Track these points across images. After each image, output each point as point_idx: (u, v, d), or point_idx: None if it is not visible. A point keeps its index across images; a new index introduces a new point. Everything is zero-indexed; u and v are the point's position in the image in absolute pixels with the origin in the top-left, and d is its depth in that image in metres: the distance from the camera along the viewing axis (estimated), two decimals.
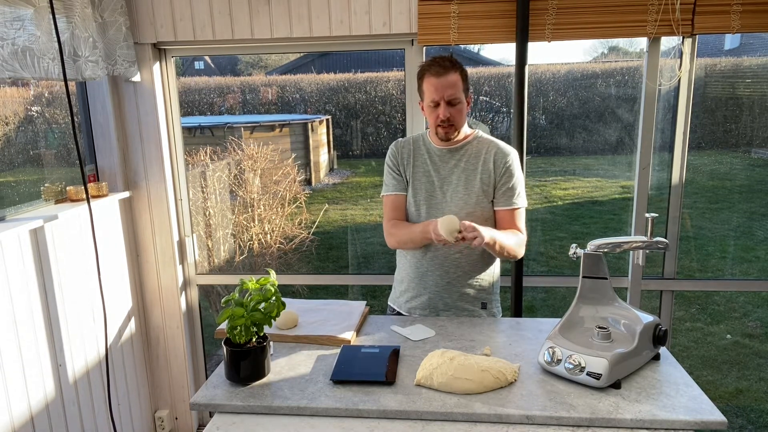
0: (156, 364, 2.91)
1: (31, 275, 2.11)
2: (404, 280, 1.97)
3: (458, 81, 1.77)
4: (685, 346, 3.79)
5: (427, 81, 1.78)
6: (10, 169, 2.43)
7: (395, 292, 2.04)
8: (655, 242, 1.53)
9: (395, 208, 1.93)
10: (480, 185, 1.84)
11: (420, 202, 1.89)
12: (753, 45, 4.16)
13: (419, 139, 1.95)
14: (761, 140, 4.62)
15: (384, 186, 1.96)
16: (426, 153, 1.91)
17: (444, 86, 1.75)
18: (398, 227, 1.89)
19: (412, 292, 1.94)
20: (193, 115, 5.12)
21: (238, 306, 1.40)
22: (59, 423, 2.22)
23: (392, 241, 1.93)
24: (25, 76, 1.95)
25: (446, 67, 1.75)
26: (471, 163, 1.86)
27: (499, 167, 1.84)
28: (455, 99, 1.77)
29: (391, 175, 1.94)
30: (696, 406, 1.29)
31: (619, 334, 1.50)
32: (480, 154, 1.86)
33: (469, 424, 1.27)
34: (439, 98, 1.76)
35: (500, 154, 1.85)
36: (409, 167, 1.91)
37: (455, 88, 1.76)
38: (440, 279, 1.89)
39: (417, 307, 1.93)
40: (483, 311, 1.93)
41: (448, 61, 1.77)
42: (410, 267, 1.94)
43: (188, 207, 2.84)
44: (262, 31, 2.47)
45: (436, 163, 1.89)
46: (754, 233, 4.87)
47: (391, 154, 1.95)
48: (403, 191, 1.92)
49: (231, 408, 1.35)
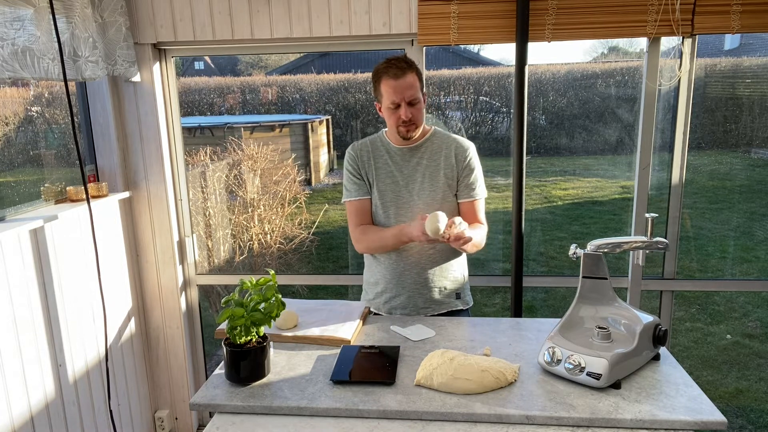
0: (156, 364, 2.91)
1: (31, 275, 2.11)
2: (380, 281, 1.97)
3: (415, 81, 1.79)
4: (685, 346, 3.79)
5: (385, 83, 1.79)
6: (10, 170, 2.43)
7: (368, 294, 2.03)
8: (655, 242, 1.53)
9: (360, 213, 1.93)
10: (444, 180, 1.87)
11: (387, 203, 1.89)
12: (753, 45, 4.16)
13: (376, 140, 1.95)
14: (761, 140, 4.62)
15: (345, 192, 1.95)
16: (386, 153, 1.92)
17: (403, 88, 1.77)
18: (367, 233, 1.90)
19: (390, 292, 1.95)
20: (193, 115, 5.12)
21: (238, 306, 1.40)
22: (59, 423, 2.22)
23: (361, 247, 1.93)
24: (25, 77, 1.95)
25: (403, 69, 1.77)
26: (433, 159, 1.88)
27: (460, 161, 1.88)
28: (415, 99, 1.79)
29: (351, 180, 1.93)
30: (696, 406, 1.29)
31: (619, 334, 1.50)
32: (441, 150, 1.89)
33: (469, 424, 1.27)
34: (399, 100, 1.78)
35: (460, 149, 1.89)
36: (370, 169, 1.91)
37: (414, 88, 1.79)
38: (418, 276, 1.91)
39: (397, 307, 1.94)
40: (458, 301, 1.97)
41: (404, 62, 1.79)
42: (386, 268, 1.94)
43: (188, 207, 2.84)
44: (262, 31, 2.47)
45: (398, 162, 1.90)
46: (754, 233, 4.87)
47: (349, 158, 1.94)
48: (366, 195, 1.92)
49: (231, 408, 1.35)
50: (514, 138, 2.39)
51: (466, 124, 4.70)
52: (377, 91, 1.84)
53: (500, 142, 4.85)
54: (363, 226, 1.92)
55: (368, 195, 1.93)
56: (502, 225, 4.33)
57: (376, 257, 1.97)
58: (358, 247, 1.94)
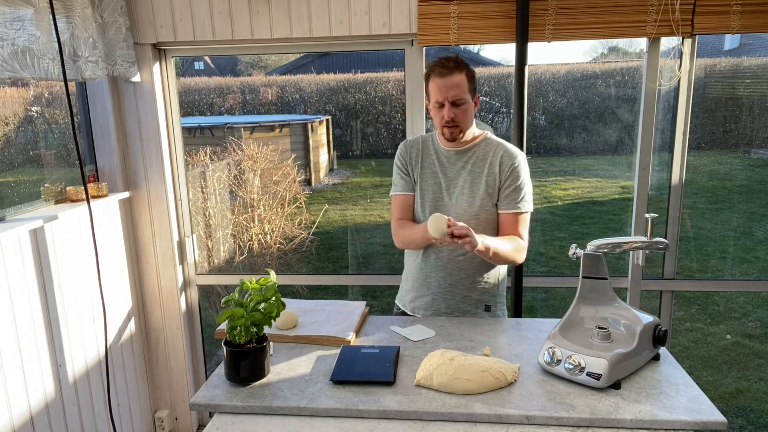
0: (156, 365, 2.90)
1: (31, 275, 2.11)
2: (409, 279, 1.98)
3: (463, 81, 1.75)
4: (685, 347, 3.79)
5: (432, 81, 1.77)
6: (10, 170, 2.43)
7: (401, 291, 2.04)
8: (654, 242, 1.53)
9: (402, 208, 1.92)
10: (485, 188, 1.82)
11: (426, 203, 1.88)
12: (753, 45, 4.16)
13: (428, 139, 1.94)
14: (761, 140, 4.62)
15: (393, 185, 1.96)
16: (434, 154, 1.90)
17: (448, 87, 1.74)
18: (403, 227, 1.89)
19: (415, 292, 1.95)
20: (193, 115, 5.12)
21: (237, 306, 1.40)
22: (59, 423, 2.22)
23: (397, 241, 1.93)
24: (25, 77, 1.95)
25: (450, 68, 1.74)
26: (478, 165, 1.84)
27: (504, 169, 1.81)
28: (460, 99, 1.75)
29: (399, 175, 1.93)
30: (696, 406, 1.29)
31: (619, 334, 1.50)
32: (487, 157, 1.84)
33: (469, 424, 1.27)
34: (443, 99, 1.75)
35: (507, 156, 1.82)
36: (417, 167, 1.90)
37: (459, 88, 1.74)
38: (443, 281, 1.88)
39: (420, 307, 1.94)
40: (486, 313, 1.91)
41: (452, 62, 1.76)
42: (414, 267, 1.94)
43: (188, 207, 2.84)
44: (262, 31, 2.47)
45: (444, 164, 1.88)
46: (754, 233, 4.87)
47: (399, 153, 1.94)
48: (411, 191, 1.92)
49: (231, 408, 1.35)
50: (514, 138, 2.39)
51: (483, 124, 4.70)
52: (427, 89, 1.82)
53: None
54: (401, 221, 1.91)
55: (413, 191, 1.92)
56: None
57: (410, 255, 1.97)
58: (395, 240, 1.94)
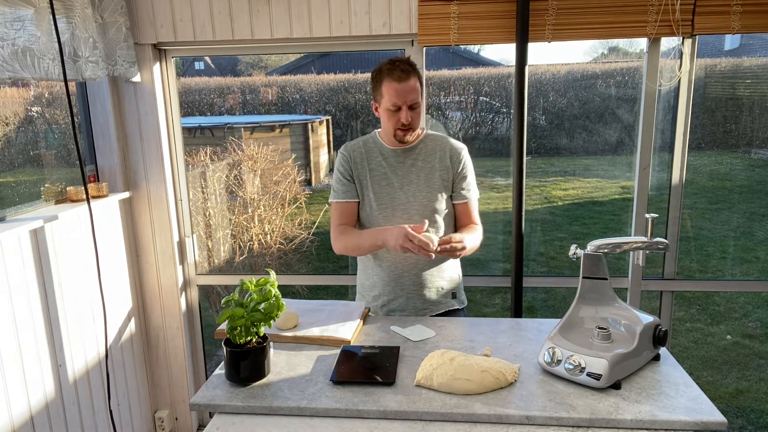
0: (156, 365, 2.91)
1: (31, 275, 2.11)
2: (377, 284, 1.96)
3: (417, 85, 1.79)
4: (685, 347, 3.79)
5: (387, 85, 1.77)
6: (10, 170, 2.43)
7: (365, 297, 2.02)
8: (655, 243, 1.53)
9: (344, 214, 1.93)
10: (440, 182, 1.88)
11: (384, 205, 1.88)
12: (753, 45, 4.16)
13: (369, 141, 1.95)
14: (761, 141, 4.62)
15: (333, 192, 1.95)
16: (380, 155, 1.91)
17: (406, 91, 1.76)
18: (346, 233, 1.89)
19: (388, 295, 1.94)
20: (193, 115, 5.12)
21: (238, 306, 1.40)
22: (59, 423, 2.22)
23: (338, 247, 1.92)
24: (25, 77, 1.95)
25: (408, 72, 1.77)
26: (428, 161, 1.89)
27: (455, 163, 1.89)
28: (416, 103, 1.79)
29: (340, 181, 1.93)
30: (696, 406, 1.29)
31: (619, 334, 1.50)
32: (435, 152, 1.90)
33: (469, 424, 1.27)
34: (401, 103, 1.77)
35: (455, 151, 1.90)
36: (364, 171, 1.90)
37: (416, 92, 1.78)
38: (416, 278, 1.91)
39: (395, 309, 1.94)
40: (454, 301, 1.98)
41: (407, 65, 1.78)
42: (384, 271, 1.93)
43: (188, 207, 2.84)
44: (262, 31, 2.47)
45: (393, 164, 1.90)
46: (754, 234, 4.87)
47: (341, 159, 1.94)
48: (353, 198, 1.92)
49: (231, 408, 1.35)
50: (515, 138, 2.40)
51: (466, 124, 4.70)
52: (377, 91, 1.83)
53: (500, 143, 4.85)
54: (342, 227, 1.92)
55: (355, 198, 1.92)
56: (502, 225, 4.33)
57: (376, 260, 1.96)
58: (335, 246, 1.93)
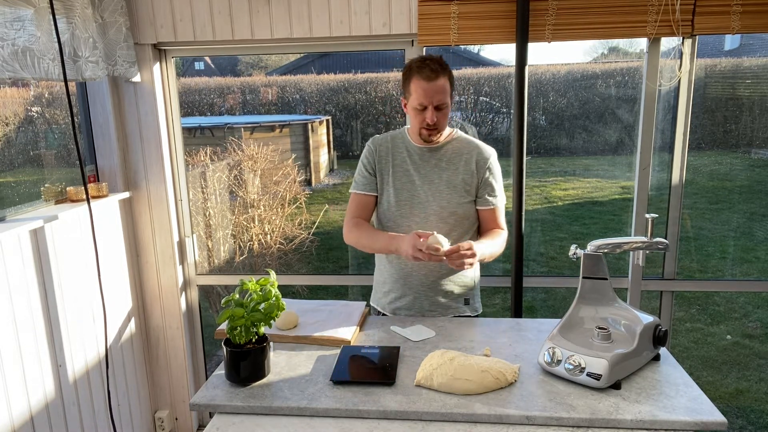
0: (156, 365, 2.90)
1: (31, 275, 2.11)
2: (387, 281, 1.96)
3: (447, 85, 1.76)
4: (685, 347, 3.79)
5: (416, 83, 1.76)
6: (10, 170, 2.43)
7: (377, 293, 2.02)
8: (655, 243, 1.53)
9: (360, 206, 1.92)
10: (462, 185, 1.85)
11: (402, 201, 1.87)
12: (753, 46, 4.16)
13: (398, 136, 1.93)
14: (761, 141, 4.62)
15: (354, 183, 1.95)
16: (405, 151, 1.90)
17: (434, 91, 1.74)
18: (360, 228, 1.88)
19: (396, 293, 1.93)
20: (193, 115, 5.12)
21: (238, 306, 1.40)
22: (59, 423, 2.22)
23: (350, 239, 1.90)
24: (25, 77, 1.95)
25: (437, 71, 1.74)
26: (452, 162, 1.86)
27: (481, 168, 1.85)
28: (443, 104, 1.77)
29: (362, 174, 1.92)
30: (696, 406, 1.29)
31: (619, 334, 1.50)
32: (461, 154, 1.87)
33: (469, 424, 1.27)
34: (428, 103, 1.75)
35: (482, 156, 1.86)
36: (387, 166, 1.89)
37: (444, 93, 1.75)
38: (425, 278, 1.89)
39: (402, 308, 1.93)
40: (466, 307, 1.94)
41: (438, 65, 1.75)
42: (393, 268, 1.93)
43: (188, 207, 2.84)
44: (262, 31, 2.47)
45: (417, 162, 1.88)
46: (754, 234, 4.87)
47: (367, 151, 1.93)
48: (372, 192, 1.91)
49: (231, 408, 1.35)
50: (514, 138, 2.39)
51: (466, 124, 4.70)
52: (406, 87, 1.80)
53: (500, 143, 4.85)
54: (357, 219, 1.91)
55: (374, 192, 1.91)
56: None
57: (387, 257, 1.95)
58: (347, 238, 1.92)
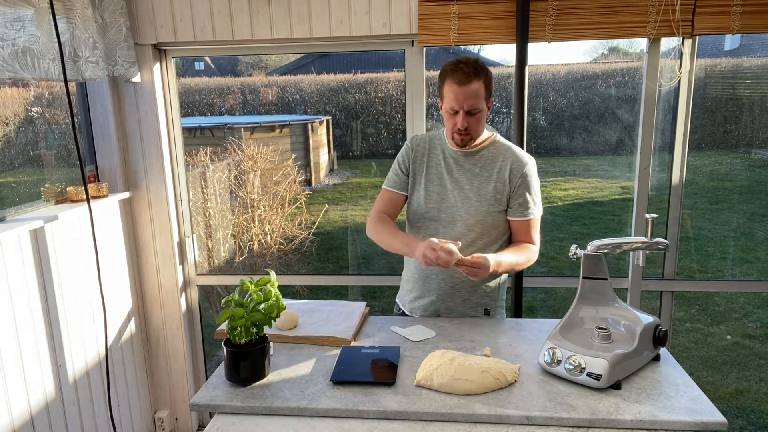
0: (156, 365, 2.90)
1: (31, 275, 2.11)
2: (410, 279, 1.95)
3: (481, 89, 1.69)
4: (686, 347, 3.79)
5: (448, 86, 1.70)
6: (10, 170, 2.43)
7: (402, 290, 2.02)
8: (655, 243, 1.53)
9: (389, 203, 1.91)
10: (493, 193, 1.78)
11: (431, 203, 1.83)
12: (753, 46, 4.16)
13: (436, 137, 1.90)
14: (761, 141, 4.62)
15: (387, 179, 1.93)
16: (441, 154, 1.86)
17: (466, 96, 1.68)
18: (383, 224, 1.86)
19: (416, 292, 1.92)
20: (194, 115, 5.12)
21: (238, 307, 1.40)
22: (59, 423, 2.22)
23: (372, 233, 1.89)
24: (25, 77, 1.95)
25: (470, 75, 1.67)
26: (485, 169, 1.80)
27: (515, 177, 1.77)
28: (475, 109, 1.70)
29: (395, 172, 1.90)
30: (696, 406, 1.29)
31: (619, 334, 1.50)
32: (496, 161, 1.80)
33: (469, 424, 1.27)
34: (458, 107, 1.70)
35: (517, 164, 1.78)
36: (422, 166, 1.87)
37: (477, 98, 1.69)
38: (444, 283, 1.86)
39: (419, 307, 1.92)
40: (485, 317, 1.90)
41: (472, 68, 1.68)
42: (415, 267, 1.92)
43: (188, 207, 2.84)
44: (262, 31, 2.47)
45: (450, 165, 1.83)
46: (755, 234, 4.87)
47: (405, 150, 1.90)
48: (402, 191, 1.90)
49: (231, 409, 1.35)
50: (515, 138, 2.39)
51: None
52: (441, 90, 1.76)
53: None
54: (382, 215, 1.89)
55: (404, 191, 1.89)
56: None
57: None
58: (369, 231, 1.90)
